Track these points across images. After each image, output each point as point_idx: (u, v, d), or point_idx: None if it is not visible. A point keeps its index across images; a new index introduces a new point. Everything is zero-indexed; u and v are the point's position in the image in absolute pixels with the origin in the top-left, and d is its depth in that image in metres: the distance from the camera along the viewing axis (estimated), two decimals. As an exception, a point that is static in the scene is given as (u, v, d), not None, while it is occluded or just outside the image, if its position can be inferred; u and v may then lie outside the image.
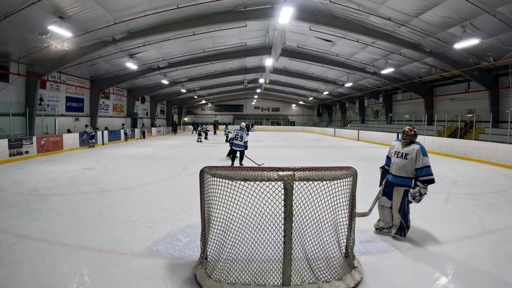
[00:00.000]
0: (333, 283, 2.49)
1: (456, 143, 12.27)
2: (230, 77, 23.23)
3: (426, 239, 3.56)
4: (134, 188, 6.10)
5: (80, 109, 17.12)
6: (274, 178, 2.41)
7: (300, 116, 42.11)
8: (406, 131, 3.65)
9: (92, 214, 4.37)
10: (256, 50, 16.70)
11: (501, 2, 8.00)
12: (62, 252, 3.14)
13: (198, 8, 10.17)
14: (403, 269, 2.85)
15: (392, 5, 9.39)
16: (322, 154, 12.77)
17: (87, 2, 8.55)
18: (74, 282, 2.57)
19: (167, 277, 2.67)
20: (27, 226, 3.85)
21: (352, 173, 2.75)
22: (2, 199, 5.14)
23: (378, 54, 14.44)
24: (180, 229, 3.80)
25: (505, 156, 9.65)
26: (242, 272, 2.59)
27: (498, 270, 2.83)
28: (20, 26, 9.10)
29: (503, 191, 6.19)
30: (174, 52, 15.23)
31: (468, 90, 15.58)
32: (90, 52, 11.92)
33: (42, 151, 11.25)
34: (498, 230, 3.89)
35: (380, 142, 18.23)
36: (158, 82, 21.48)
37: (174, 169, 8.48)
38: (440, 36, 10.79)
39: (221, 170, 2.66)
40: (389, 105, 23.16)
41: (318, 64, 18.12)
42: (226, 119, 41.22)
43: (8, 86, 11.54)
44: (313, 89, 27.73)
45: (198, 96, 32.60)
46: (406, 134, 3.64)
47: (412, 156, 3.49)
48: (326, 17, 10.89)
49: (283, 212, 2.43)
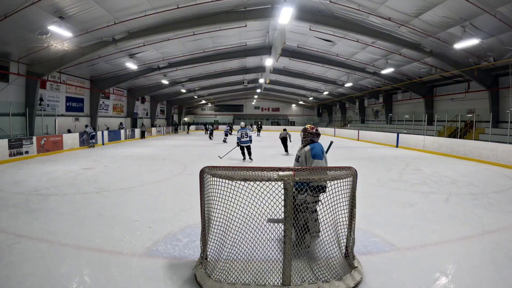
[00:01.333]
0: (333, 283, 2.49)
1: (456, 143, 12.27)
2: (230, 77, 23.23)
3: (426, 239, 3.55)
4: (134, 188, 6.10)
5: (80, 109, 17.12)
6: (274, 178, 2.41)
7: (300, 116, 42.09)
8: (306, 128, 3.26)
9: (92, 214, 4.37)
10: (256, 50, 16.69)
11: (501, 2, 8.00)
12: (62, 252, 3.14)
13: (198, 8, 10.17)
14: (403, 269, 2.85)
15: (392, 5, 9.39)
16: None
17: (87, 2, 8.55)
18: (74, 282, 2.57)
19: (167, 277, 2.67)
20: (27, 226, 3.85)
21: (352, 173, 2.74)
22: (2, 199, 5.14)
23: (378, 54, 14.44)
24: (180, 229, 3.80)
25: (505, 156, 9.65)
26: (242, 272, 2.59)
27: (498, 270, 2.83)
28: (20, 26, 9.10)
29: (503, 191, 6.19)
30: (174, 52, 15.22)
31: (468, 90, 15.58)
32: (90, 52, 11.92)
33: (42, 151, 11.25)
34: (498, 230, 3.89)
35: (380, 142, 18.21)
36: (158, 82, 21.48)
37: (174, 169, 8.48)
38: (440, 36, 10.78)
39: (221, 170, 2.66)
40: (389, 105, 23.16)
41: (318, 64, 18.11)
42: (226, 119, 41.21)
43: (8, 86, 11.53)
44: (313, 89, 27.73)
45: (198, 96, 32.59)
46: (304, 133, 3.24)
47: (302, 158, 3.14)
48: (326, 17, 10.89)
49: (283, 212, 2.43)
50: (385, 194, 5.88)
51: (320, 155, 3.09)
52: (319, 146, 3.19)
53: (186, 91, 27.39)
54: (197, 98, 33.40)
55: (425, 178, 7.45)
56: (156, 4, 9.46)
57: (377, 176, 7.71)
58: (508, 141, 10.14)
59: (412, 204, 5.08)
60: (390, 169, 8.80)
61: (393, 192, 6.05)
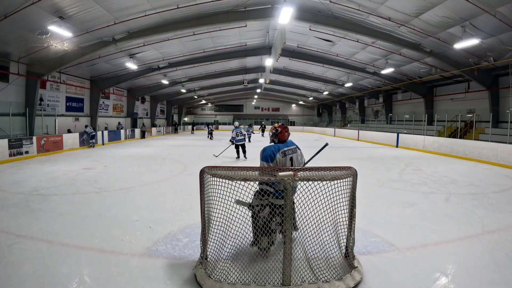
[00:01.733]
0: (333, 283, 2.49)
1: (456, 143, 12.27)
2: (230, 77, 23.22)
3: (426, 239, 3.55)
4: (134, 188, 6.10)
5: (80, 109, 17.12)
6: (274, 178, 2.41)
7: (300, 116, 42.09)
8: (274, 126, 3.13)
9: (92, 214, 4.37)
10: (256, 50, 16.68)
11: (501, 2, 7.99)
12: (62, 252, 3.14)
13: (198, 8, 10.17)
14: (403, 269, 2.85)
15: (392, 5, 9.39)
16: (322, 154, 12.71)
17: (87, 2, 8.54)
18: (74, 282, 2.57)
19: (167, 277, 2.67)
20: (27, 226, 3.85)
21: (352, 173, 2.74)
22: (2, 199, 5.14)
23: (378, 54, 14.44)
24: (180, 229, 3.80)
25: (505, 156, 9.65)
26: (242, 272, 2.59)
27: (498, 270, 2.83)
28: (20, 26, 9.09)
29: (503, 191, 6.19)
30: (174, 52, 15.22)
31: (468, 90, 15.58)
32: (90, 52, 11.92)
33: (42, 151, 11.25)
34: (498, 230, 3.89)
35: (380, 142, 18.20)
36: (158, 82, 21.47)
37: (174, 169, 8.48)
38: (440, 36, 10.78)
39: (221, 170, 2.66)
40: (389, 105, 23.15)
41: (318, 64, 18.10)
42: (226, 119, 41.21)
43: (8, 86, 11.53)
44: (313, 89, 27.72)
45: (198, 96, 32.59)
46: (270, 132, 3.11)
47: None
48: (326, 17, 10.89)
49: (283, 212, 2.43)
50: (385, 194, 5.88)
51: (266, 158, 2.89)
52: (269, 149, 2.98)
53: (186, 91, 27.38)
54: (197, 98, 33.40)
55: (425, 178, 7.45)
56: (156, 4, 9.45)
57: (377, 176, 7.70)
58: (508, 141, 10.13)
59: (412, 204, 5.08)
60: (390, 169, 8.80)
61: (393, 192, 6.05)
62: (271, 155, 2.90)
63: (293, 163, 3.01)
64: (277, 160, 2.90)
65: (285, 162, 2.94)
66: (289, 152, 3.00)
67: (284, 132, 3.08)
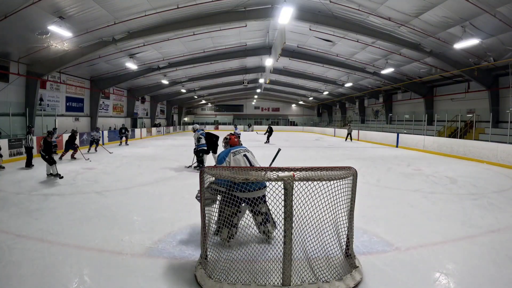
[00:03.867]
0: (333, 283, 2.49)
1: (456, 143, 12.27)
2: (230, 77, 23.23)
3: (426, 239, 3.55)
4: (134, 188, 6.11)
5: (80, 109, 17.12)
6: (274, 178, 2.41)
7: (300, 116, 42.09)
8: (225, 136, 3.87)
9: (92, 214, 4.37)
10: (256, 50, 16.70)
11: (501, 2, 8.00)
12: (62, 252, 3.13)
13: (198, 8, 10.17)
14: (403, 269, 2.85)
15: (392, 5, 9.39)
16: (322, 154, 12.77)
17: (87, 2, 8.55)
18: (74, 282, 2.57)
19: (167, 277, 2.67)
20: (27, 226, 3.85)
21: (352, 173, 2.74)
22: (2, 199, 5.14)
23: (378, 54, 14.44)
24: (180, 229, 3.80)
25: (505, 156, 9.65)
26: (242, 272, 2.59)
27: (498, 270, 2.83)
28: (20, 26, 9.10)
29: (503, 191, 6.19)
30: (174, 52, 15.22)
31: (468, 90, 15.58)
32: (90, 52, 11.93)
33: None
34: (498, 230, 3.89)
35: (380, 142, 18.20)
36: (158, 82, 21.47)
37: (174, 169, 8.48)
38: (440, 36, 10.78)
39: (221, 170, 2.66)
40: (389, 105, 23.15)
41: (318, 64, 18.11)
42: (226, 119, 41.21)
43: (8, 86, 11.53)
44: (313, 89, 27.72)
45: (198, 96, 32.59)
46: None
47: None
48: (326, 17, 10.89)
49: (283, 212, 2.43)
50: (385, 194, 5.88)
51: (220, 161, 3.49)
52: (222, 153, 3.59)
53: (186, 91, 27.39)
54: (197, 98, 33.41)
55: (425, 178, 7.45)
56: (156, 4, 9.46)
57: (377, 176, 7.70)
58: (508, 141, 10.14)
59: (412, 204, 5.08)
60: (390, 169, 8.80)
61: (393, 192, 6.05)
62: (224, 156, 3.50)
63: (249, 159, 3.54)
64: (230, 159, 3.46)
65: (240, 158, 3.49)
66: (240, 151, 3.56)
67: (234, 138, 3.84)
